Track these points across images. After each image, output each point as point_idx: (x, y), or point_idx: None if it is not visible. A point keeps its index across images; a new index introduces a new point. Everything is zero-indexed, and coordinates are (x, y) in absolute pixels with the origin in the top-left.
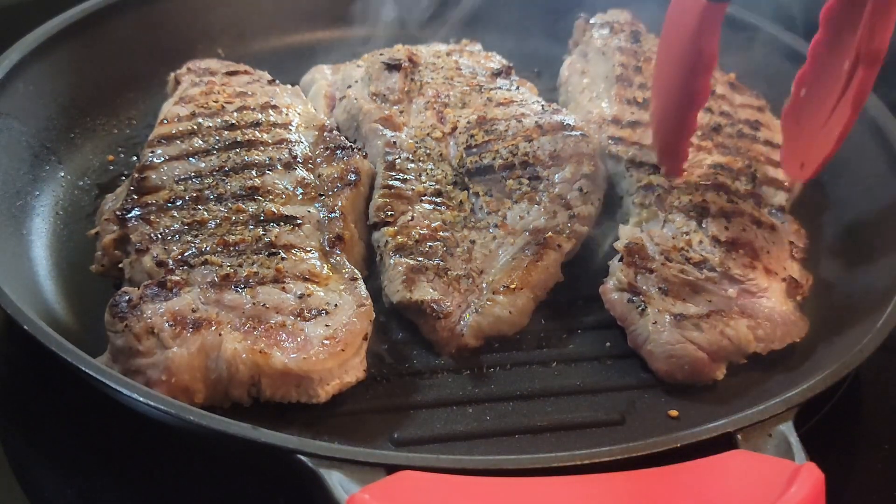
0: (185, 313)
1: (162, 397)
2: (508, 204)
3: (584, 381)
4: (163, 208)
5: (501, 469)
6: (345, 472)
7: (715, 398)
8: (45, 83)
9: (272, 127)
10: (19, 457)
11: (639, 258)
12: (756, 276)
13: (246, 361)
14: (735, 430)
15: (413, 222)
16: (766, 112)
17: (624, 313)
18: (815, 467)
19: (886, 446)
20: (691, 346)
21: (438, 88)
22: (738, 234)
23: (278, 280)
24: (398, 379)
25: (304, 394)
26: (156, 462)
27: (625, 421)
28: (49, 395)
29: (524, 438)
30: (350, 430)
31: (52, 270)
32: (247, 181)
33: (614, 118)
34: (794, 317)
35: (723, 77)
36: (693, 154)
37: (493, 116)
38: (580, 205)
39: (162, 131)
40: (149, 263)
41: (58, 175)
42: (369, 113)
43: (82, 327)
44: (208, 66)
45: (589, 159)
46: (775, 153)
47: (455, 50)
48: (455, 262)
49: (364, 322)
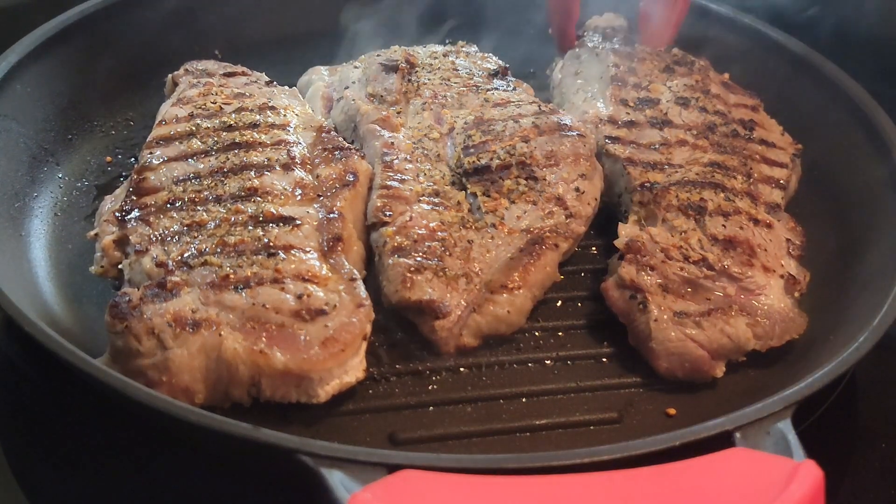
0: (184, 314)
1: (162, 398)
2: (506, 204)
3: (582, 379)
4: (162, 209)
5: (502, 468)
6: (346, 472)
7: (712, 396)
8: (43, 84)
9: (270, 128)
10: (19, 457)
11: (639, 256)
12: (754, 274)
13: (246, 362)
14: (733, 428)
15: (411, 222)
16: (761, 111)
17: (625, 310)
18: (814, 465)
19: (884, 444)
20: (692, 344)
21: (436, 89)
22: (735, 232)
23: (277, 280)
24: (398, 379)
25: (304, 394)
26: (156, 462)
27: (623, 419)
28: (49, 396)
29: (523, 437)
30: (350, 430)
31: (51, 272)
32: (245, 182)
33: (610, 118)
34: (793, 314)
35: (717, 77)
36: (689, 153)
37: (491, 117)
38: (577, 204)
39: (160, 132)
40: (148, 264)
41: (56, 176)
42: (367, 114)
43: (82, 328)
44: (206, 67)
45: (586, 159)
46: (770, 152)
47: (452, 51)
48: (453, 262)
49: (363, 322)
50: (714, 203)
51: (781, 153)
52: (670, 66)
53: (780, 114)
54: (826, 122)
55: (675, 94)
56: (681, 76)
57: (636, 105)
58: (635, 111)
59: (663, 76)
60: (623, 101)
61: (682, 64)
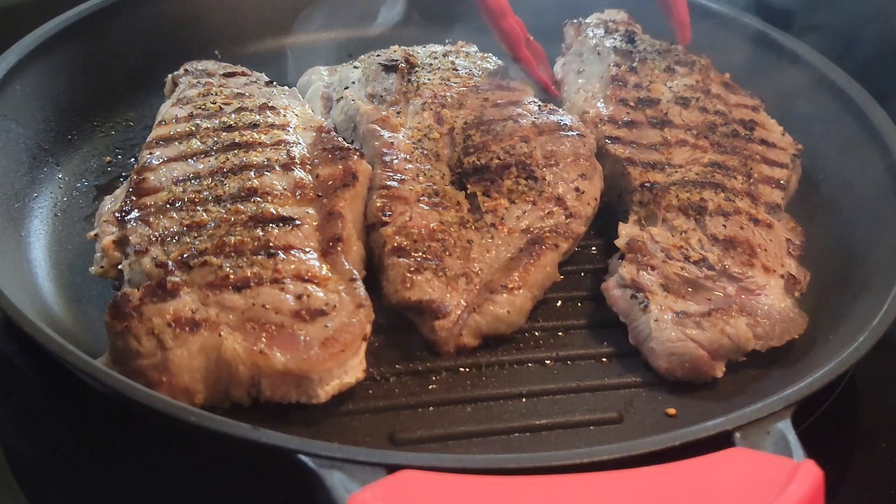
0: (184, 314)
1: (162, 398)
2: (506, 204)
3: (582, 379)
4: (162, 210)
5: (502, 468)
6: (345, 472)
7: (712, 396)
8: (43, 85)
9: (270, 128)
10: (19, 457)
11: (640, 255)
12: (754, 274)
13: (246, 362)
14: (733, 428)
15: (411, 223)
16: (761, 111)
17: (626, 310)
18: (814, 465)
19: (884, 444)
20: (692, 345)
21: (435, 89)
22: (735, 233)
23: (277, 281)
24: (398, 379)
25: (304, 394)
26: (156, 462)
27: (623, 419)
28: (49, 396)
29: (523, 437)
30: (350, 430)
31: (50, 272)
32: (245, 182)
33: (610, 117)
34: (793, 314)
35: (718, 77)
36: (690, 153)
37: (491, 117)
38: (577, 204)
39: (160, 133)
40: (148, 265)
41: (56, 177)
42: (367, 114)
43: (82, 329)
44: (206, 67)
45: (586, 159)
46: (770, 152)
47: (451, 51)
48: (453, 262)
49: (363, 322)
50: (714, 203)
51: (782, 153)
52: (671, 66)
53: (780, 114)
54: (826, 122)
55: (675, 94)
56: (681, 76)
57: (636, 105)
58: (635, 111)
59: (664, 76)
60: (623, 100)
61: (683, 63)
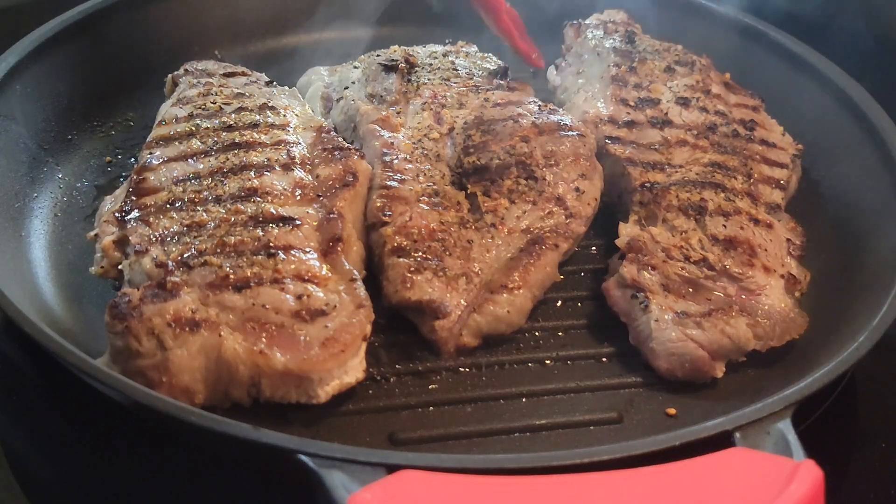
0: (184, 314)
1: (162, 398)
2: (506, 204)
3: (582, 379)
4: (162, 210)
5: (502, 468)
6: (346, 472)
7: (712, 396)
8: (43, 85)
9: (270, 128)
10: (19, 457)
11: (640, 255)
12: (755, 274)
13: (246, 362)
14: (733, 428)
15: (411, 223)
16: (761, 111)
17: (627, 310)
18: (814, 465)
19: (884, 444)
20: (692, 345)
21: (435, 89)
22: (736, 233)
23: (277, 281)
24: (398, 379)
25: (304, 394)
26: (156, 462)
27: (623, 419)
28: (49, 395)
29: (523, 437)
30: (350, 430)
31: (51, 272)
32: (245, 182)
33: (611, 117)
34: (793, 314)
35: (718, 77)
36: (690, 153)
37: (491, 117)
38: (577, 204)
39: (160, 133)
40: (148, 265)
41: (56, 177)
42: (367, 114)
43: (82, 329)
44: (206, 67)
45: (586, 159)
46: (770, 152)
47: (451, 51)
48: (453, 262)
49: (363, 323)
50: (714, 203)
51: (782, 153)
52: (671, 66)
53: (780, 114)
54: (826, 122)
55: (675, 94)
56: (682, 76)
57: (637, 105)
58: (636, 111)
59: (664, 76)
60: (623, 100)
61: (684, 64)
